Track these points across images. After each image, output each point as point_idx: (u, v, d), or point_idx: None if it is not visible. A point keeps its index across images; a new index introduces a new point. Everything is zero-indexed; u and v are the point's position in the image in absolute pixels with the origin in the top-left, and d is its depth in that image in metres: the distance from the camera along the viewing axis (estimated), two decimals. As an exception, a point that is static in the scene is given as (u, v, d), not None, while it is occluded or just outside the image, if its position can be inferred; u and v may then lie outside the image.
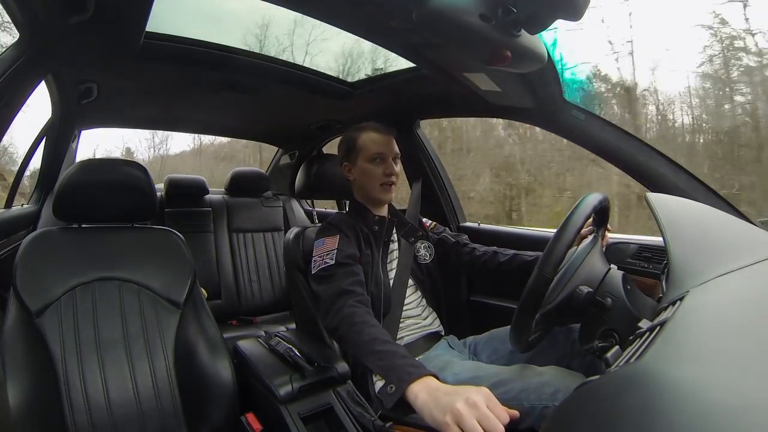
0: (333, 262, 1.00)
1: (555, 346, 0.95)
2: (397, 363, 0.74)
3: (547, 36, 0.83)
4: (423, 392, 0.66)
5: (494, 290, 1.46)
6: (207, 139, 9.15)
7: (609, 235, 1.03)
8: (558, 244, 0.73)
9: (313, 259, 1.05)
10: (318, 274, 1.01)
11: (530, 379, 0.81)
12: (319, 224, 1.17)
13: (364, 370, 0.98)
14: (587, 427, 0.34)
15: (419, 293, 1.14)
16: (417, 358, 1.02)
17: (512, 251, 1.16)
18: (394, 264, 1.13)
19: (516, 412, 0.63)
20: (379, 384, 0.93)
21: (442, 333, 1.14)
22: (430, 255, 1.19)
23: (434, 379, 0.70)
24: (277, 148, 2.50)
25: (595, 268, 0.83)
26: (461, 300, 1.48)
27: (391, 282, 1.09)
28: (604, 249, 0.96)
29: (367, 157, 1.11)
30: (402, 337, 1.06)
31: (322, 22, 0.95)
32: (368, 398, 0.99)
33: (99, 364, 0.96)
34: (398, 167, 1.13)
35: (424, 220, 1.29)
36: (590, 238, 0.92)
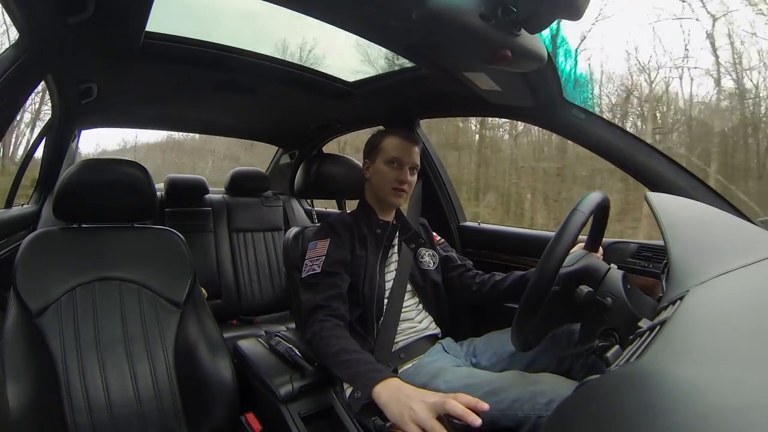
0: (319, 270, 1.02)
1: (556, 347, 0.95)
2: (361, 370, 0.81)
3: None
4: (385, 392, 0.74)
5: None
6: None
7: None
8: (560, 242, 0.73)
9: (305, 262, 1.06)
10: (305, 280, 1.04)
11: (524, 389, 0.80)
12: (319, 224, 1.17)
13: (336, 379, 0.99)
14: (587, 426, 0.34)
15: (416, 299, 1.13)
16: (411, 363, 1.03)
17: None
18: (392, 267, 1.13)
19: (485, 406, 0.68)
20: (348, 391, 0.94)
21: (439, 335, 1.13)
22: (434, 263, 1.18)
23: (398, 380, 0.77)
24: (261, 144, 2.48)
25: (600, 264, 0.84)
26: (461, 300, 1.49)
27: (387, 284, 1.09)
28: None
29: (385, 159, 1.12)
30: (397, 342, 1.05)
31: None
32: None
33: (99, 364, 0.96)
34: (413, 178, 1.14)
35: (434, 234, 1.28)
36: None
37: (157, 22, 1.00)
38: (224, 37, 1.21)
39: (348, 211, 1.27)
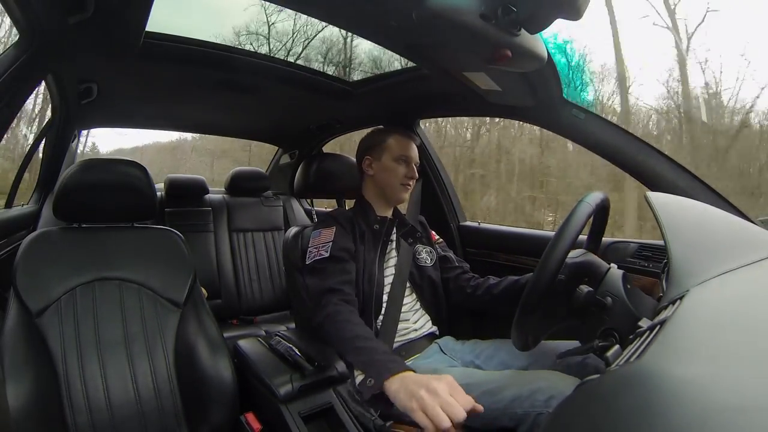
0: (327, 254, 1.02)
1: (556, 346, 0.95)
2: (376, 359, 0.80)
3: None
4: (397, 382, 0.73)
5: None
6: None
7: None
8: (560, 242, 0.73)
9: (309, 249, 1.06)
10: (312, 265, 1.03)
11: (522, 387, 0.80)
12: (320, 217, 1.17)
13: (347, 364, 0.98)
14: (587, 426, 0.34)
15: (414, 296, 1.13)
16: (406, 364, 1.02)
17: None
18: (391, 263, 1.13)
19: (480, 407, 0.70)
20: (359, 378, 0.93)
21: (436, 334, 1.13)
22: (431, 260, 1.18)
23: (411, 372, 0.75)
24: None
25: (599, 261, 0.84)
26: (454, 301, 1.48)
27: (385, 280, 1.09)
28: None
29: (393, 157, 1.14)
30: (396, 341, 1.05)
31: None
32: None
33: (99, 364, 0.96)
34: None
35: (433, 233, 1.29)
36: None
37: (157, 22, 1.00)
38: (224, 36, 1.22)
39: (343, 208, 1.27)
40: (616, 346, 0.64)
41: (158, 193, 1.48)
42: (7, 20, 0.90)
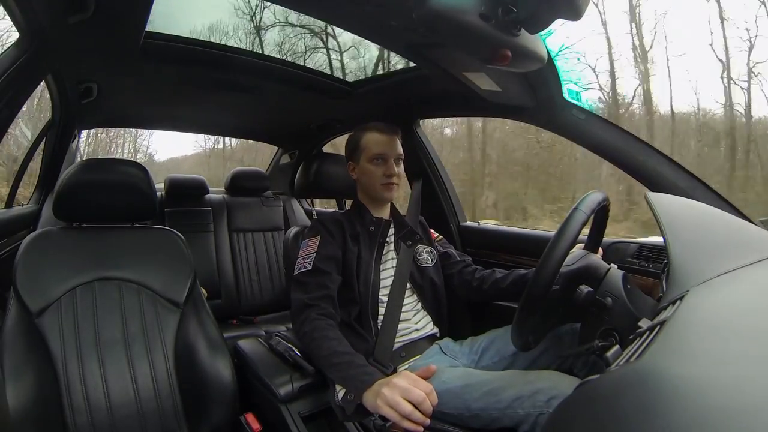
0: (310, 267, 1.02)
1: (558, 346, 0.95)
2: (352, 373, 0.84)
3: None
4: (370, 392, 0.78)
5: None
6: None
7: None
8: (560, 241, 0.73)
9: (297, 260, 1.06)
10: (296, 277, 1.04)
11: (523, 387, 0.80)
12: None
13: (329, 379, 0.99)
14: (587, 426, 0.34)
15: (415, 297, 1.13)
16: (406, 366, 1.02)
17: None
18: (389, 264, 1.12)
19: (433, 367, 0.83)
20: (341, 393, 0.94)
21: (437, 335, 1.13)
22: (432, 260, 1.18)
23: (382, 379, 0.80)
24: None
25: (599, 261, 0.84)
26: (461, 299, 1.48)
27: (383, 282, 1.09)
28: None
29: (369, 158, 1.12)
30: (397, 342, 1.05)
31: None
32: None
33: (99, 364, 0.96)
34: (401, 168, 1.14)
35: (432, 231, 1.28)
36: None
37: (157, 22, 1.00)
38: (224, 37, 1.22)
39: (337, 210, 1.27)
40: (616, 346, 0.64)
41: (158, 193, 1.48)
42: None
